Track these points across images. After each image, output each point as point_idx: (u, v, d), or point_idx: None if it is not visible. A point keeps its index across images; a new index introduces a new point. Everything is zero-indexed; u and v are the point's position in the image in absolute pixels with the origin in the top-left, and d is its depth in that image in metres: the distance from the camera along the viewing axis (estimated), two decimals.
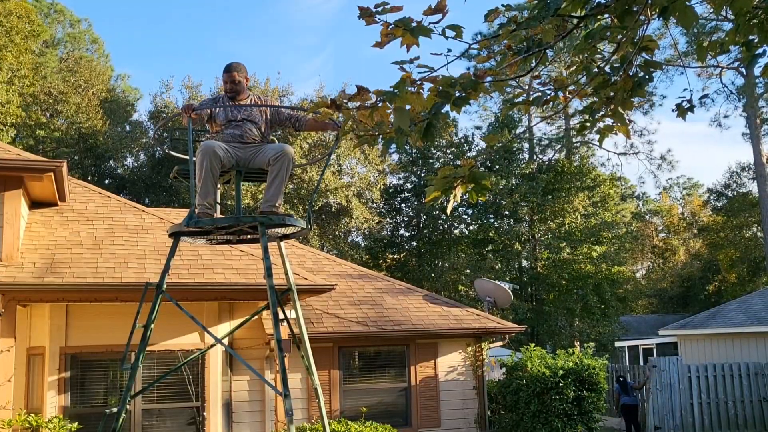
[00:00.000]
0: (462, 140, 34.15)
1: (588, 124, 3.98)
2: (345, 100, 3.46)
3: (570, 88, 4.01)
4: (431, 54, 3.52)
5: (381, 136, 3.58)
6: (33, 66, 29.73)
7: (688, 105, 3.86)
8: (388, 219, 34.22)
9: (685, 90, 3.94)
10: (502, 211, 32.88)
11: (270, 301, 6.05)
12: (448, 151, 33.90)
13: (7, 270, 9.80)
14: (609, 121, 3.98)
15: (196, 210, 6.19)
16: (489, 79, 3.53)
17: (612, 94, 3.73)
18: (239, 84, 6.56)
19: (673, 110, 3.87)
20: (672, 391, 16.29)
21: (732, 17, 3.46)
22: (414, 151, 33.77)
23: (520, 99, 4.05)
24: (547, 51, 3.67)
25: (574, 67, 3.91)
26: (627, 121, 3.94)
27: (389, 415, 13.19)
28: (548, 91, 3.99)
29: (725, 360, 18.66)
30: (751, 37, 3.48)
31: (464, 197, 3.82)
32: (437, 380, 13.75)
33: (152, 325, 6.42)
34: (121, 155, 31.60)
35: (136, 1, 67.92)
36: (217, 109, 6.55)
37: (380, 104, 3.37)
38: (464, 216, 34.48)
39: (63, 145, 29.10)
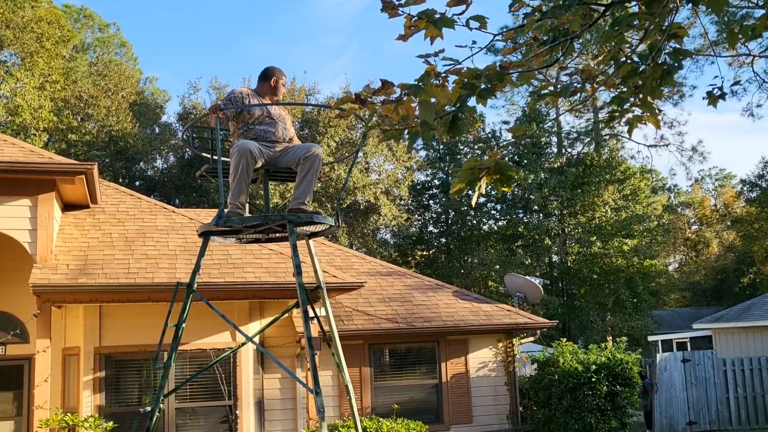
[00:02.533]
0: (489, 135, 33.99)
1: (617, 114, 3.92)
2: (370, 95, 3.44)
3: (598, 78, 3.96)
4: (456, 46, 3.49)
5: (406, 130, 3.56)
6: (64, 71, 30.13)
7: (719, 92, 3.79)
8: (416, 216, 34.15)
9: (716, 77, 3.87)
10: (531, 205, 32.66)
11: (300, 298, 6.06)
12: (476, 147, 33.74)
13: (41, 272, 9.95)
14: (638, 111, 3.92)
15: (226, 209, 6.23)
16: (515, 70, 3.49)
17: (641, 83, 3.67)
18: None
19: (704, 98, 3.80)
20: (707, 385, 16.06)
21: (762, 3, 3.38)
22: (441, 147, 33.66)
23: (547, 90, 4.00)
24: (574, 41, 3.62)
25: (602, 57, 3.85)
26: (656, 111, 3.87)
27: (421, 411, 13.17)
28: (575, 83, 3.94)
29: (762, 353, 18.33)
30: None
31: (490, 190, 3.77)
32: (468, 376, 13.69)
33: (184, 325, 6.46)
34: (151, 157, 31.91)
35: (163, 5, 68.63)
36: (254, 100, 6.58)
37: (405, 98, 3.34)
38: (493, 212, 34.31)
39: (94, 148, 29.44)
